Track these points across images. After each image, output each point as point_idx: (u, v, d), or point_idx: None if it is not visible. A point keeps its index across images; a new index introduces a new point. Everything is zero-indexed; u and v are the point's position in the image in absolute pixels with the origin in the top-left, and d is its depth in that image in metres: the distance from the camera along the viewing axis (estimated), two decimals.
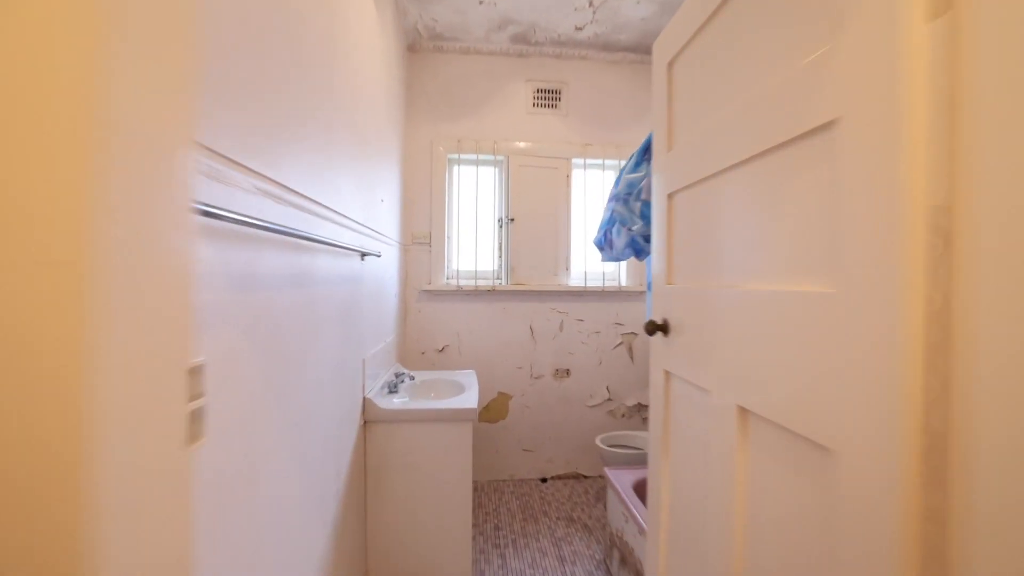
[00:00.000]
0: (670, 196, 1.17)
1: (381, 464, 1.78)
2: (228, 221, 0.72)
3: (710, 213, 0.98)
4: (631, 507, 1.79)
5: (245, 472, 0.84)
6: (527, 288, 2.86)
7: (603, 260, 1.97)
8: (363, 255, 1.65)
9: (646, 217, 1.55)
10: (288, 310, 1.04)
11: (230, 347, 0.79)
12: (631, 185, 1.59)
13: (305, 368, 1.14)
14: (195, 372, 0.48)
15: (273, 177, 0.95)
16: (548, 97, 2.94)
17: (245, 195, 0.84)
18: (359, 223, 1.68)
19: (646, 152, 1.62)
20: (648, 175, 1.53)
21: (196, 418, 0.49)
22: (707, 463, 0.97)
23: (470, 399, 1.90)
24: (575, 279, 2.99)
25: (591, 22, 2.60)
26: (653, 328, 1.16)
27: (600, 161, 2.98)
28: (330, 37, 1.32)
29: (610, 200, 1.74)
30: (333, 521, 1.38)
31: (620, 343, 2.99)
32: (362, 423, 1.72)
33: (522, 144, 2.90)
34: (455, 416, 1.79)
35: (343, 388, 1.49)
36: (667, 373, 1.19)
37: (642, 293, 3.00)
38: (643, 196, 1.50)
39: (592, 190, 3.00)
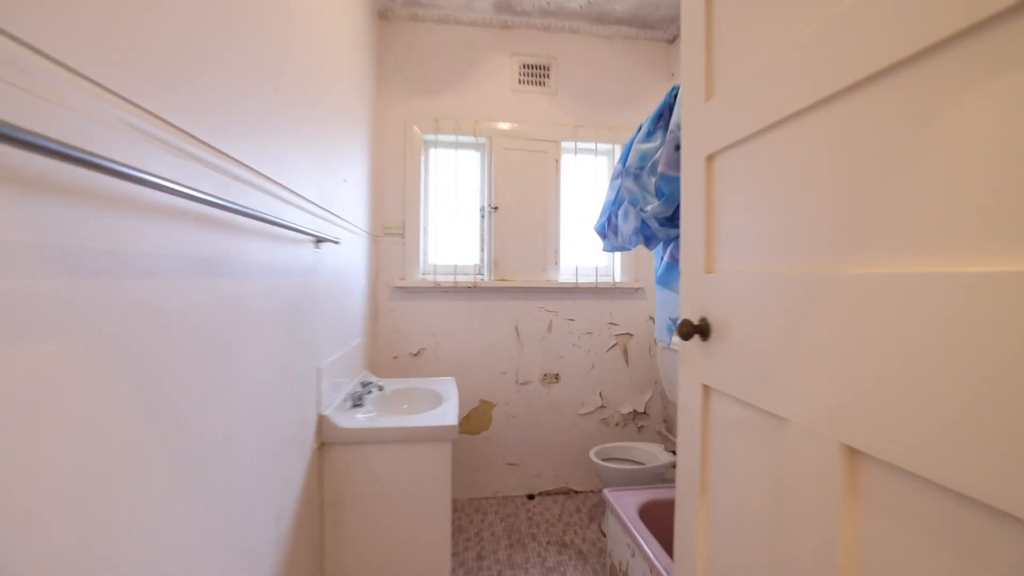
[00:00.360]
0: (709, 159, 0.90)
1: (342, 496, 1.47)
2: (46, 154, 0.41)
3: (784, 172, 0.71)
4: (639, 540, 1.52)
5: (99, 552, 0.53)
6: (512, 284, 2.58)
7: (605, 250, 1.71)
8: (318, 241, 1.35)
9: (663, 194, 1.28)
10: (192, 306, 0.73)
11: (62, 360, 0.49)
12: (643, 157, 1.32)
13: (219, 383, 0.83)
14: None
15: (164, 116, 0.64)
16: (535, 74, 2.65)
17: (105, 130, 0.54)
18: (313, 203, 1.37)
19: (659, 119, 1.36)
20: (664, 144, 1.26)
21: None
22: (780, 518, 0.70)
23: (449, 413, 1.61)
24: (565, 274, 2.71)
25: None
26: (690, 331, 0.89)
27: (592, 145, 2.71)
28: None
29: (615, 178, 1.48)
30: None
31: (614, 345, 2.73)
32: (316, 447, 1.41)
33: (507, 125, 2.61)
34: (431, 435, 1.49)
35: (287, 405, 1.18)
36: (707, 388, 0.91)
37: (638, 290, 2.74)
38: (660, 169, 1.23)
39: (583, 177, 2.73)
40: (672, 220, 1.33)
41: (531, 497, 2.65)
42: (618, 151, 2.74)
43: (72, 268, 0.50)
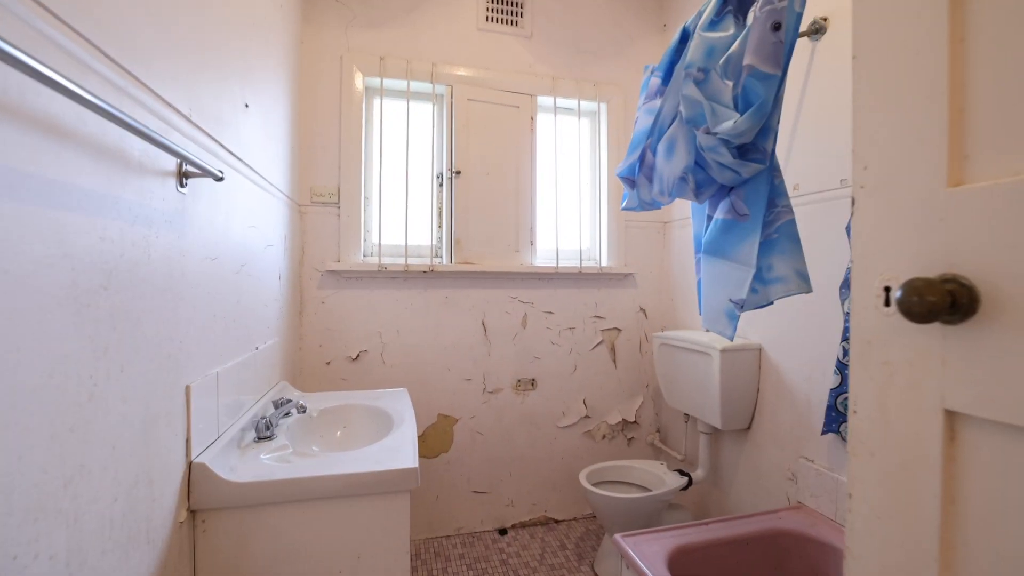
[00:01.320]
0: None
1: None
2: None
3: None
4: None
5: None
6: (478, 269, 2.06)
7: (626, 207, 1.23)
8: (183, 171, 0.79)
9: (749, 104, 0.82)
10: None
11: None
12: (710, 51, 0.86)
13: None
14: None
15: None
16: (507, 10, 2.15)
17: None
18: (180, 113, 0.81)
19: None
20: (748, 29, 0.80)
21: None
22: None
23: (405, 446, 1.08)
24: (543, 258, 2.23)
25: None
26: (933, 303, 0.42)
27: (574, 103, 2.25)
28: None
29: (652, 97, 1.01)
30: None
31: (600, 342, 2.28)
32: (182, 520, 0.84)
33: (471, 71, 2.10)
34: (380, 484, 0.96)
35: (100, 461, 0.62)
36: (950, 416, 0.45)
37: (627, 276, 2.30)
38: (747, 61, 0.77)
39: (564, 142, 2.26)
40: (754, 147, 0.88)
41: (503, 532, 2.14)
42: (604, 111, 2.28)
43: None
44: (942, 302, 0.43)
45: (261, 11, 1.35)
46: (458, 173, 2.06)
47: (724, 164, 0.90)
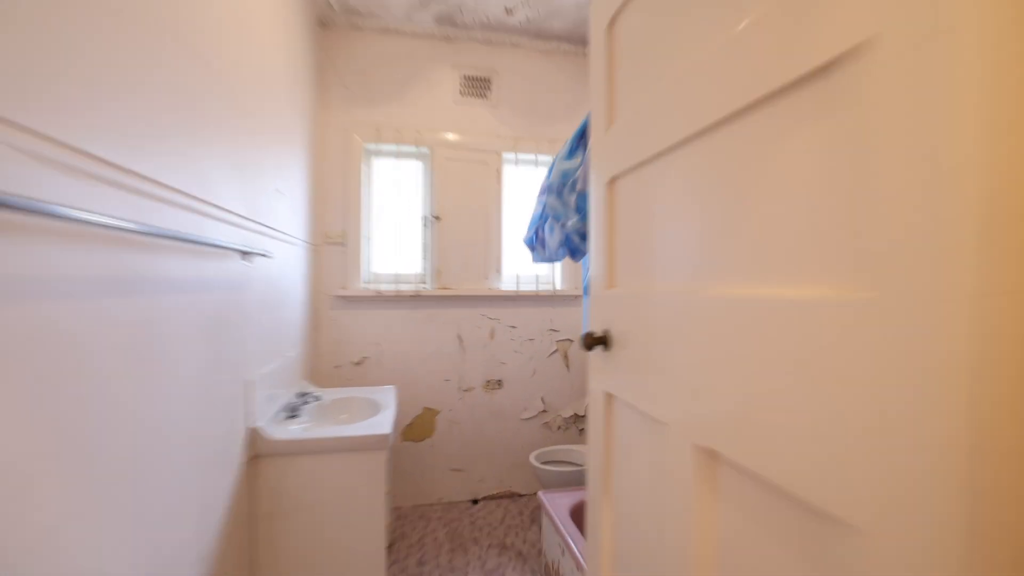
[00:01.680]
0: (611, 182, 0.98)
1: (275, 508, 1.47)
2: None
3: (660, 199, 0.79)
4: (568, 538, 1.59)
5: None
6: (454, 293, 2.62)
7: (534, 262, 1.78)
8: (244, 254, 1.35)
9: (582, 211, 1.37)
10: (101, 327, 0.74)
11: None
12: (565, 175, 1.40)
13: (128, 400, 0.84)
14: None
15: (68, 141, 0.65)
16: (477, 86, 2.72)
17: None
18: (241, 216, 1.37)
19: (582, 137, 1.44)
20: (585, 163, 1.34)
21: None
22: (660, 513, 0.78)
23: (384, 422, 1.63)
24: (507, 282, 2.78)
25: (522, 4, 2.40)
26: (592, 342, 0.96)
27: (533, 157, 2.80)
28: None
29: (541, 193, 1.55)
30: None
31: (555, 351, 2.82)
32: (247, 460, 1.41)
33: (449, 136, 2.66)
34: (365, 444, 1.52)
35: (212, 418, 1.18)
36: (608, 396, 0.99)
37: (578, 297, 2.84)
38: (579, 187, 1.31)
39: (524, 188, 2.81)
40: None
41: (475, 502, 2.69)
42: None
43: None
44: (599, 341, 0.97)
45: (294, 123, 1.92)
46: (438, 218, 2.62)
47: (578, 243, 1.44)
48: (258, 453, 1.45)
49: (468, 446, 2.70)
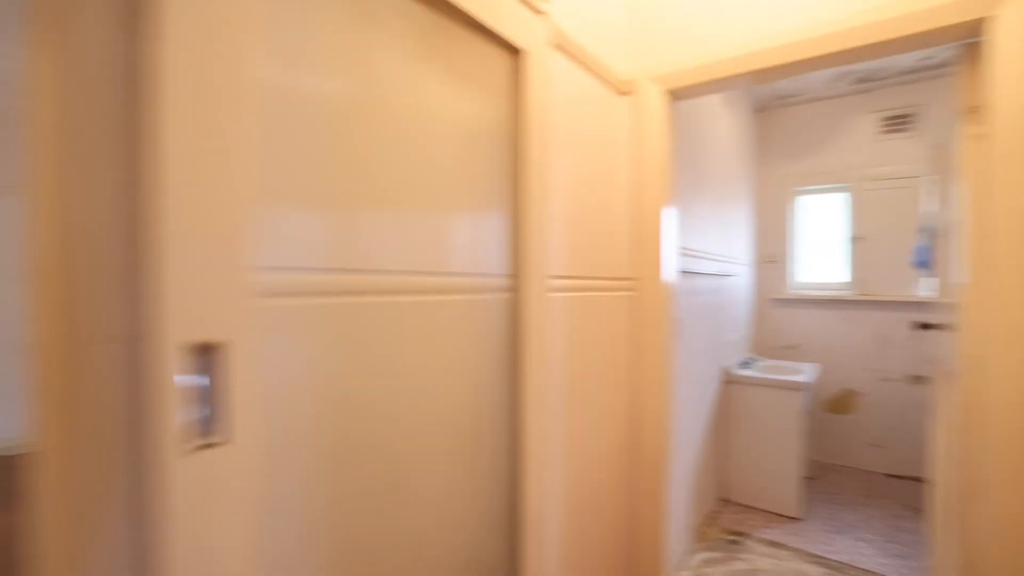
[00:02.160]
0: None
1: (734, 413, 2.70)
2: (689, 274, 1.85)
3: None
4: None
5: (690, 398, 1.96)
6: (873, 298, 3.20)
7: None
8: (721, 276, 2.63)
9: None
10: (692, 306, 2.14)
11: (685, 318, 1.92)
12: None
13: (701, 349, 2.21)
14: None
15: (691, 247, 2.05)
16: (898, 122, 3.19)
17: (684, 260, 1.98)
18: (719, 255, 2.67)
19: None
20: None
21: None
22: None
23: (799, 377, 2.61)
24: (928, 290, 3.12)
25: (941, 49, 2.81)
26: None
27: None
28: (697, 159, 2.36)
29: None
30: (701, 441, 2.42)
31: None
32: (722, 383, 2.69)
33: (867, 171, 3.26)
34: (784, 386, 2.55)
35: (713, 360, 2.51)
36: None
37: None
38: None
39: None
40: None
41: (891, 476, 3.17)
42: None
43: (689, 296, 1.94)
44: None
45: (741, 187, 3.14)
46: (860, 238, 3.28)
47: None
48: (728, 380, 2.71)
49: (889, 430, 3.21)
